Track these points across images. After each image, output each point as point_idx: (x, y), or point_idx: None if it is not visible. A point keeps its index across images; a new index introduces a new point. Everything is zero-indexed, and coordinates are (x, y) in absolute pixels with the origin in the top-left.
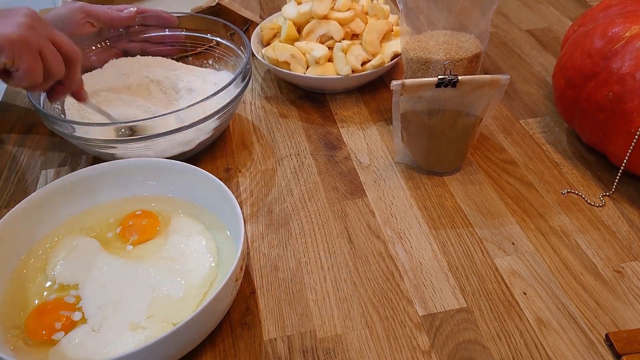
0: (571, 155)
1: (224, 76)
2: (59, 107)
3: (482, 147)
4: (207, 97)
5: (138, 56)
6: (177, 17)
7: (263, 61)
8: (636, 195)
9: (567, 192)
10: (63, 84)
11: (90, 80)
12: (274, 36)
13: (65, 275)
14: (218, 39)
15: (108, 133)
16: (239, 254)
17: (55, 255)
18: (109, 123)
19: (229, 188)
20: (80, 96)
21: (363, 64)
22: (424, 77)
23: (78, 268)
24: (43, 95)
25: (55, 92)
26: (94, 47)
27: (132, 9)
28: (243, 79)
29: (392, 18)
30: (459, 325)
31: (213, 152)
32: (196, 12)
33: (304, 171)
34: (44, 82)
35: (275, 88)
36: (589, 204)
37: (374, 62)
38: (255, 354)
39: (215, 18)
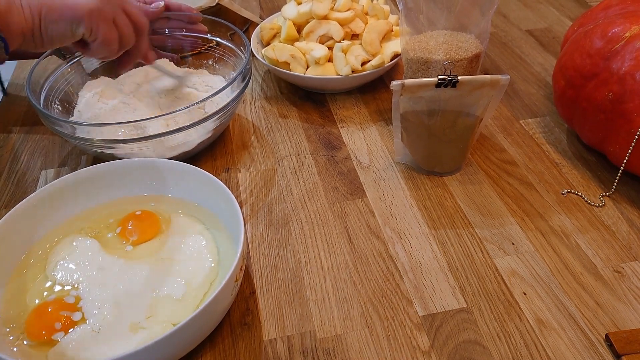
0: (571, 155)
1: (222, 80)
2: (59, 107)
3: (482, 147)
4: (207, 97)
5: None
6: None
7: (263, 61)
8: (636, 195)
9: (567, 192)
10: (131, 54)
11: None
12: (274, 36)
13: (65, 275)
14: (218, 39)
15: (108, 133)
16: (238, 254)
17: (55, 255)
18: (108, 123)
19: (229, 188)
20: (148, 59)
21: (363, 64)
22: (424, 77)
23: (78, 268)
24: (43, 95)
25: (123, 62)
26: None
27: (160, 3)
28: (243, 79)
29: (392, 18)
30: (459, 325)
31: (213, 152)
32: None
33: (304, 171)
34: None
35: (275, 88)
36: (589, 204)
37: (374, 62)
38: (255, 354)
39: (215, 18)
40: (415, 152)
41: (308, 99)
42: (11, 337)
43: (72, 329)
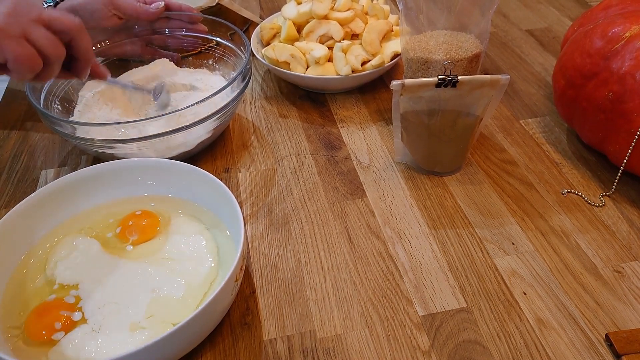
0: (571, 155)
1: (222, 80)
2: (59, 107)
3: (482, 147)
4: (207, 97)
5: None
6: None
7: (263, 61)
8: (636, 195)
9: (567, 192)
10: (77, 59)
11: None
12: (274, 36)
13: (65, 275)
14: (218, 39)
15: (107, 133)
16: (238, 254)
17: (55, 255)
18: (108, 123)
19: (229, 188)
20: (99, 73)
21: (363, 64)
22: (424, 77)
23: (78, 268)
24: (43, 95)
25: (76, 69)
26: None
27: (160, 3)
28: (243, 79)
29: (392, 18)
30: (459, 325)
31: (213, 152)
32: None
33: (304, 171)
34: (47, 67)
35: (275, 88)
36: (589, 204)
37: (374, 62)
38: (255, 354)
39: (215, 18)
40: (415, 152)
41: (308, 98)
42: (11, 337)
43: (72, 329)
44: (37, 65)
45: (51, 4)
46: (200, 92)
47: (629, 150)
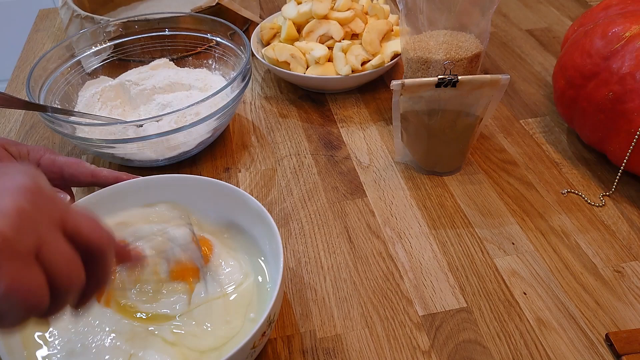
0: (571, 155)
1: (222, 80)
2: (59, 107)
3: (482, 147)
4: (207, 97)
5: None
6: (177, 17)
7: (263, 61)
8: (636, 195)
9: (567, 192)
10: (88, 284)
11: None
12: (274, 36)
13: None
14: (218, 39)
15: (107, 133)
16: (261, 322)
17: None
18: (108, 123)
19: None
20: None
21: (363, 63)
22: (424, 77)
23: None
24: (43, 94)
25: (82, 302)
26: None
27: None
28: (243, 79)
29: (392, 18)
30: (459, 325)
31: (213, 152)
32: (196, 12)
33: (304, 171)
34: (52, 303)
35: (275, 88)
36: (589, 204)
37: (374, 62)
38: None
39: (215, 18)
40: (415, 152)
41: (308, 98)
42: None
43: None
44: (42, 300)
45: None
46: (200, 92)
47: (629, 150)
